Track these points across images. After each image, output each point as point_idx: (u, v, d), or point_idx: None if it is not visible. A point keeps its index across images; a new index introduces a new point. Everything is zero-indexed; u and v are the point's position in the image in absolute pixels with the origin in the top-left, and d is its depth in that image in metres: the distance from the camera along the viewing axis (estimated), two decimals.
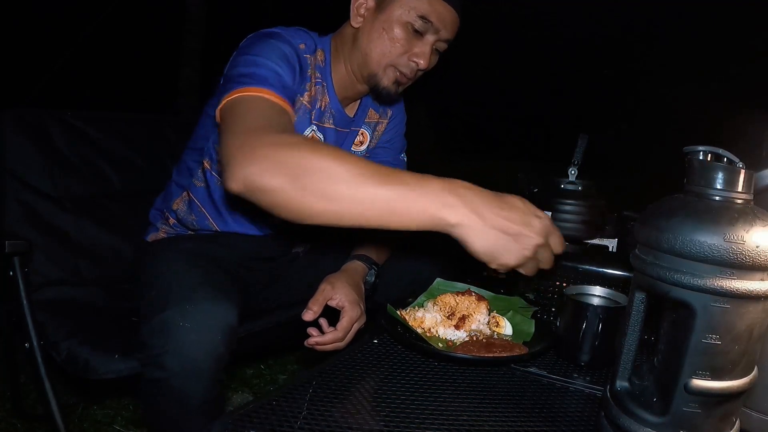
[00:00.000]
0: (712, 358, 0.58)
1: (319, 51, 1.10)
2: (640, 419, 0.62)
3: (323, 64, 1.11)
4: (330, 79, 1.12)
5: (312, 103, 1.09)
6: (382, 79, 1.07)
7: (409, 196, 0.68)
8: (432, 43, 1.05)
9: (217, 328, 0.86)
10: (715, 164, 0.60)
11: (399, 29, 1.03)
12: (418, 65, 1.06)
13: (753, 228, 0.56)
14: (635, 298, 0.65)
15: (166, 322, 0.85)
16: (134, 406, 1.53)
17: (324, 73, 1.11)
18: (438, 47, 1.08)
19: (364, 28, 1.06)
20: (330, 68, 1.12)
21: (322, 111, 1.12)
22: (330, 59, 1.12)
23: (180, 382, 0.85)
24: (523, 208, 0.73)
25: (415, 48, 1.05)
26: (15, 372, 1.37)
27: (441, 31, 1.05)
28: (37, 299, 1.14)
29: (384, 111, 1.28)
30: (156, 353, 0.85)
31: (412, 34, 1.04)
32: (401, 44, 1.04)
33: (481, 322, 0.96)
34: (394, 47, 1.04)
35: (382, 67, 1.06)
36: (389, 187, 0.68)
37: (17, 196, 1.23)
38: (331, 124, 1.15)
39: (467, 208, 0.69)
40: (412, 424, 0.70)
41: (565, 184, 1.25)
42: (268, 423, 0.67)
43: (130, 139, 1.45)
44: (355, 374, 0.83)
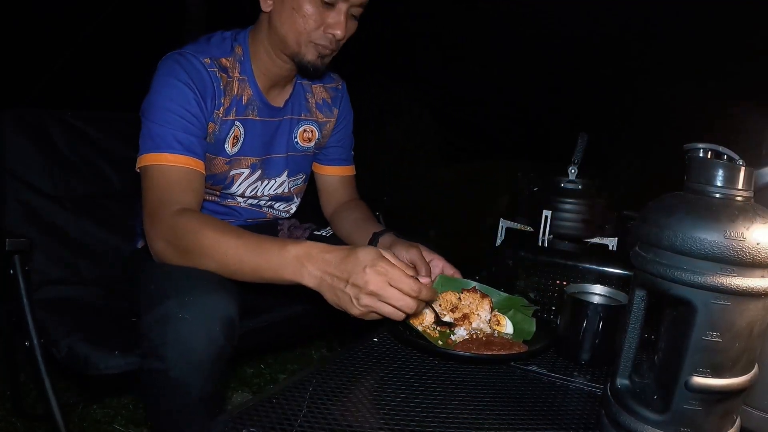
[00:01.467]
0: (713, 355, 0.58)
1: (236, 48, 1.12)
2: (641, 417, 0.62)
3: (242, 58, 1.12)
4: (250, 70, 1.13)
5: (231, 106, 1.11)
6: (305, 55, 1.08)
7: (270, 266, 0.85)
8: (345, 11, 1.04)
9: (216, 319, 0.87)
10: (715, 162, 0.60)
11: (308, 5, 1.03)
12: (335, 36, 1.05)
13: (753, 225, 0.56)
14: (635, 296, 0.65)
15: (165, 314, 0.85)
16: (134, 406, 1.53)
17: (244, 65, 1.13)
18: (353, 12, 1.07)
19: (275, 11, 1.07)
20: (249, 60, 1.13)
21: (245, 104, 1.13)
22: (248, 50, 1.13)
23: (179, 374, 0.85)
24: (357, 265, 0.78)
25: (328, 19, 1.04)
26: (15, 371, 1.37)
27: None
28: (38, 298, 1.14)
29: (330, 110, 1.30)
30: (155, 344, 0.85)
31: (323, 7, 1.03)
32: (314, 19, 1.04)
33: (483, 320, 0.96)
34: (307, 24, 1.04)
35: (301, 45, 1.07)
36: (254, 260, 0.86)
37: (17, 196, 1.23)
38: (255, 116, 1.16)
39: (318, 271, 0.82)
40: (412, 422, 0.70)
41: (565, 183, 1.25)
42: (268, 421, 0.67)
43: (129, 138, 1.44)
44: (355, 372, 0.83)
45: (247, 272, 0.88)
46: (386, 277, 0.77)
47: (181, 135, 1.00)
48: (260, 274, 0.87)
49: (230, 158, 1.15)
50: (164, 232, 0.94)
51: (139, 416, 1.48)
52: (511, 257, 1.16)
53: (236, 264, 0.88)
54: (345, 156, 1.37)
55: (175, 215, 0.94)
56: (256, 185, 1.24)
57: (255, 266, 0.87)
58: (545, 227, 1.21)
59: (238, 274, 0.89)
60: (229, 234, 0.90)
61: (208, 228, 0.91)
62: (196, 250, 0.90)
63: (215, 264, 0.90)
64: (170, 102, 1.01)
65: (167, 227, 0.94)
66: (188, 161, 1.00)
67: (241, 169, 1.19)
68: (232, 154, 1.15)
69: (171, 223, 0.94)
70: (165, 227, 0.94)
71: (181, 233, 0.92)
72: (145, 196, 0.98)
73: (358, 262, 0.78)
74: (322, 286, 0.82)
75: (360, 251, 0.80)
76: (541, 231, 1.22)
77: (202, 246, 0.90)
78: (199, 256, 0.90)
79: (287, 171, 1.28)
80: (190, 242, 0.91)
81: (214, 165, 1.14)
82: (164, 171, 0.99)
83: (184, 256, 0.92)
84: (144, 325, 0.88)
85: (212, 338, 0.86)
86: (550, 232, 1.22)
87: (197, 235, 0.91)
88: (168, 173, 0.98)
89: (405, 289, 0.77)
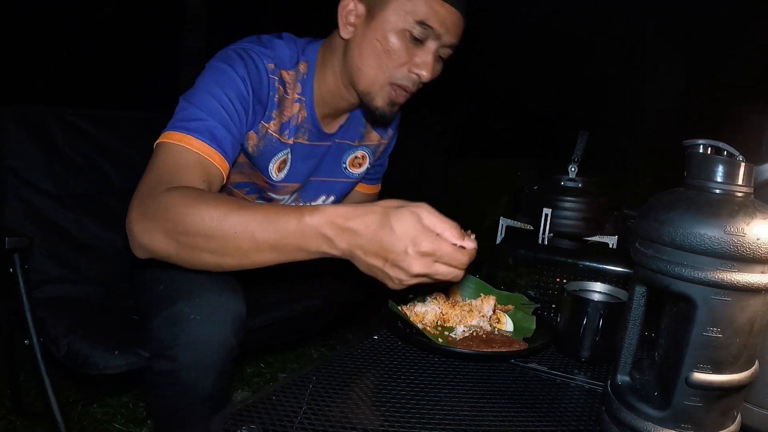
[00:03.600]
0: (713, 351, 0.58)
1: (301, 63, 1.01)
2: (641, 413, 0.62)
3: (305, 77, 1.02)
4: (311, 92, 1.03)
5: (285, 126, 1.02)
6: (375, 98, 0.97)
7: (291, 238, 0.71)
8: (434, 50, 0.94)
9: (227, 319, 0.86)
10: (715, 157, 0.60)
11: (395, 38, 0.92)
12: (420, 77, 0.95)
13: (753, 220, 0.55)
14: (636, 292, 0.65)
15: (176, 315, 0.84)
16: (134, 405, 1.52)
17: (305, 85, 1.02)
18: (441, 53, 0.97)
19: (354, 40, 0.95)
20: (312, 81, 1.02)
21: (296, 126, 1.04)
22: (314, 70, 1.02)
23: (190, 374, 0.84)
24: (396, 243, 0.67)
25: (415, 58, 0.94)
26: (15, 370, 1.37)
27: (443, 36, 0.93)
28: (37, 296, 1.14)
29: (386, 132, 1.23)
30: (167, 345, 0.84)
31: (411, 43, 0.93)
32: (399, 56, 0.93)
33: (485, 315, 0.96)
34: (390, 60, 0.93)
35: (377, 85, 0.96)
36: (271, 236, 0.71)
37: (18, 194, 1.23)
38: (305, 140, 1.07)
39: (345, 243, 0.70)
40: (413, 419, 0.70)
41: (565, 181, 1.25)
42: (268, 418, 0.67)
43: (130, 137, 1.45)
44: (356, 370, 0.83)
45: (264, 252, 0.72)
46: (433, 257, 0.68)
47: (217, 127, 0.87)
48: (280, 249, 0.72)
49: (275, 183, 1.08)
50: (156, 213, 0.75)
51: (139, 415, 1.48)
52: (512, 255, 1.16)
53: (250, 243, 0.72)
54: (379, 176, 1.32)
55: (169, 191, 0.77)
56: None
57: (272, 242, 0.71)
58: (545, 225, 1.21)
59: (249, 257, 0.73)
60: (237, 207, 0.74)
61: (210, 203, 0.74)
62: (198, 232, 0.73)
63: (221, 248, 0.73)
64: (217, 88, 0.89)
65: (160, 206, 0.75)
66: (214, 155, 0.86)
67: (282, 195, 1.13)
68: (277, 179, 1.07)
69: (165, 200, 0.75)
70: (157, 207, 0.75)
71: (179, 212, 0.74)
72: (146, 172, 0.83)
73: (397, 240, 0.67)
74: (353, 258, 0.71)
75: (395, 222, 0.67)
76: (541, 229, 1.22)
77: (205, 227, 0.72)
78: (203, 238, 0.72)
79: (333, 198, 1.21)
80: (191, 224, 0.73)
81: (252, 175, 1.07)
82: (181, 152, 0.84)
83: (181, 243, 0.74)
84: (153, 326, 0.87)
85: (223, 339, 0.85)
86: (551, 230, 1.22)
87: (198, 213, 0.73)
88: (185, 156, 0.84)
89: (454, 264, 0.70)
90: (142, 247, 0.78)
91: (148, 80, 3.94)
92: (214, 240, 0.73)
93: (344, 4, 0.97)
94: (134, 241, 0.78)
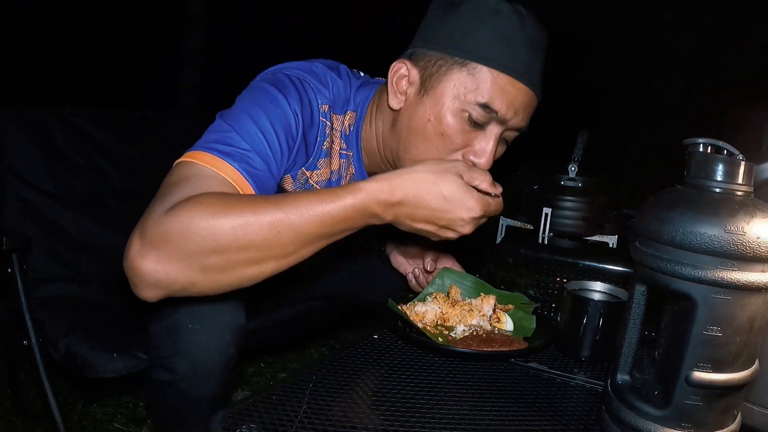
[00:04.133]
0: (714, 350, 0.58)
1: (349, 114, 0.87)
2: (642, 412, 0.62)
3: (350, 129, 0.88)
4: (358, 146, 0.89)
5: (329, 183, 0.89)
6: None
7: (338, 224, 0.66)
8: (497, 135, 0.80)
9: (226, 328, 0.83)
10: (715, 156, 0.60)
11: (451, 119, 0.78)
12: (478, 166, 0.80)
13: (754, 219, 0.55)
14: (636, 291, 0.65)
15: (175, 323, 0.81)
16: (134, 404, 1.52)
17: (351, 141, 0.89)
18: (506, 137, 0.83)
19: (404, 112, 0.81)
20: (360, 136, 0.89)
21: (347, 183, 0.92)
22: (362, 122, 0.89)
23: (189, 385, 0.82)
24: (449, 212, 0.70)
25: (473, 144, 0.80)
26: (14, 370, 1.37)
27: (511, 120, 0.79)
28: (36, 296, 1.14)
29: None
30: (165, 355, 0.82)
31: (470, 126, 0.79)
32: (454, 140, 0.79)
33: (485, 315, 0.96)
34: (444, 145, 0.79)
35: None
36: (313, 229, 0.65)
37: (17, 193, 1.24)
38: None
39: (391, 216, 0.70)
40: (413, 418, 0.70)
41: (565, 180, 1.25)
42: (268, 417, 0.67)
43: (130, 136, 1.45)
44: (356, 369, 0.83)
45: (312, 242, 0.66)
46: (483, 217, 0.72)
47: (255, 160, 0.73)
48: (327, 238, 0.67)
49: None
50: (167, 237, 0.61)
51: (139, 415, 1.48)
52: (512, 255, 1.16)
53: (294, 239, 0.64)
54: None
55: (180, 204, 0.63)
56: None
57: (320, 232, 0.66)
58: (545, 225, 1.21)
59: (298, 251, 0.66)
60: (264, 200, 0.65)
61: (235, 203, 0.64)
62: (229, 244, 0.62)
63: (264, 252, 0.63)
64: (263, 116, 0.76)
65: (171, 227, 0.62)
66: (243, 184, 0.71)
67: None
68: None
69: (177, 216, 0.62)
70: (166, 229, 0.62)
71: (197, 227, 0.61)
72: (158, 193, 0.69)
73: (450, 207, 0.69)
74: (399, 225, 0.72)
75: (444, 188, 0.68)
76: (541, 229, 1.22)
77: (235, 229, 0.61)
78: (237, 250, 0.62)
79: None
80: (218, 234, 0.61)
81: None
82: (205, 173, 0.70)
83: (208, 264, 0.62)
84: (153, 334, 0.85)
85: (223, 348, 0.83)
86: (551, 229, 1.22)
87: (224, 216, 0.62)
88: (208, 177, 0.70)
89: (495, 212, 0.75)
90: (152, 286, 0.63)
91: (148, 80, 3.95)
92: (252, 246, 0.63)
93: (396, 69, 0.83)
94: (141, 280, 0.63)
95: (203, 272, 0.63)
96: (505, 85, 0.77)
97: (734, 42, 3.23)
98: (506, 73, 0.77)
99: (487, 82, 0.76)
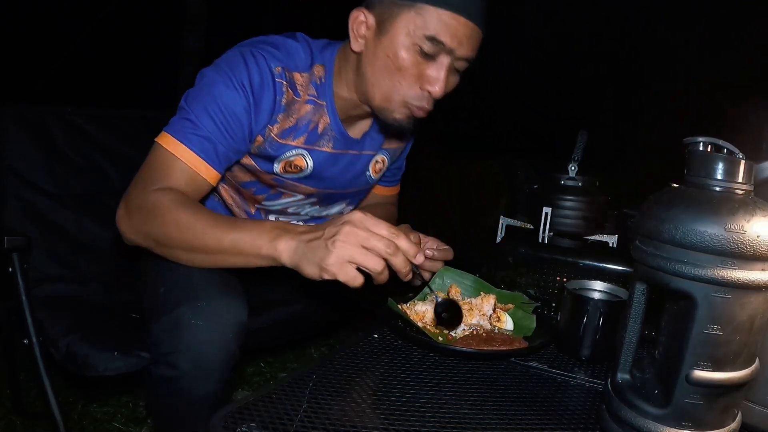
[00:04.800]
0: (714, 348, 0.58)
1: (317, 67, 0.99)
2: (642, 411, 0.62)
3: (322, 80, 1.00)
4: (331, 96, 1.01)
5: (293, 130, 1.01)
6: (393, 113, 0.97)
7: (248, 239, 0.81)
8: (447, 65, 0.91)
9: (228, 326, 0.85)
10: (715, 155, 0.60)
11: (405, 54, 0.90)
12: (432, 93, 0.93)
13: (754, 218, 0.55)
14: (636, 290, 0.65)
15: (177, 320, 0.83)
16: (134, 404, 1.52)
17: (322, 90, 1.00)
18: (457, 66, 0.94)
19: (366, 54, 0.94)
20: (331, 86, 1.01)
21: (320, 134, 1.03)
22: (332, 74, 1.01)
23: (190, 382, 0.83)
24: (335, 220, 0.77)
25: (426, 74, 0.91)
26: (14, 370, 1.37)
27: (457, 50, 0.90)
28: (37, 296, 1.14)
29: (406, 137, 1.24)
30: (167, 352, 0.83)
31: (422, 58, 0.90)
32: (410, 72, 0.91)
33: (485, 314, 0.96)
34: (402, 77, 0.91)
35: (393, 102, 0.95)
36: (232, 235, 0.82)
37: (17, 193, 1.23)
38: (330, 148, 1.06)
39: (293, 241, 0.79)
40: (413, 417, 0.70)
41: (565, 180, 1.26)
42: (268, 416, 0.67)
43: (130, 136, 1.45)
44: (356, 368, 0.83)
45: (226, 251, 0.82)
46: (362, 222, 0.74)
47: (208, 140, 0.92)
48: (239, 249, 0.81)
49: (284, 181, 1.08)
50: (141, 211, 0.87)
51: (138, 414, 1.48)
52: (512, 254, 1.16)
53: (215, 242, 0.82)
54: (397, 178, 1.32)
55: (157, 191, 0.88)
56: (306, 208, 1.17)
57: (233, 241, 0.81)
58: (545, 224, 1.21)
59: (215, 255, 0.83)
60: (209, 214, 0.86)
61: (188, 209, 0.86)
62: (174, 231, 0.84)
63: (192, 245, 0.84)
64: (215, 102, 0.91)
65: (145, 205, 0.87)
66: (200, 166, 0.92)
67: (296, 193, 1.13)
68: (287, 177, 1.07)
69: (151, 200, 0.87)
70: (143, 205, 0.87)
71: (160, 214, 0.85)
72: (141, 169, 0.93)
73: (336, 219, 0.77)
74: (296, 254, 0.78)
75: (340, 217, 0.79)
76: (541, 228, 1.22)
77: (180, 227, 0.84)
78: (178, 236, 0.84)
79: (353, 205, 1.23)
80: (169, 225, 0.84)
81: (259, 174, 1.07)
82: (172, 160, 0.91)
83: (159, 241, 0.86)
84: (154, 331, 0.86)
85: (224, 345, 0.85)
86: (551, 229, 1.22)
87: (176, 211, 0.85)
88: (174, 164, 0.91)
89: (383, 232, 0.74)
90: (127, 239, 0.91)
91: (148, 80, 3.94)
92: (186, 238, 0.84)
93: (354, 16, 0.95)
94: (122, 234, 0.91)
95: (156, 246, 0.88)
96: (448, 20, 0.88)
97: (734, 42, 3.22)
98: (448, 10, 0.88)
99: (433, 19, 0.87)
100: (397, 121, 0.98)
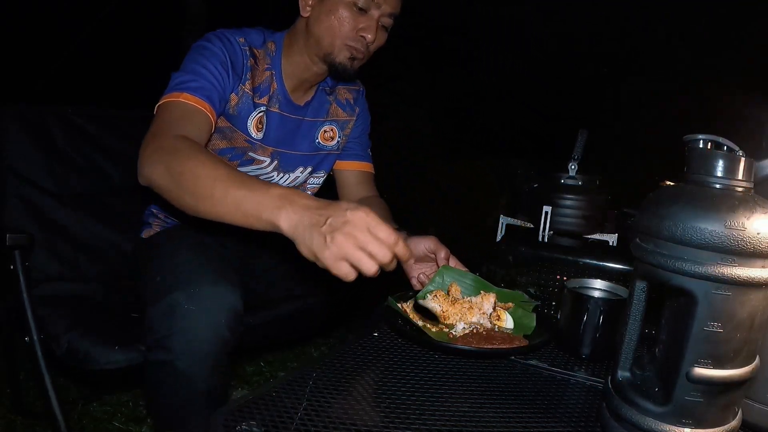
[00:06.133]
0: (714, 346, 0.58)
1: (269, 43, 1.21)
2: (642, 409, 0.62)
3: (273, 53, 1.21)
4: (279, 66, 1.21)
5: (258, 89, 1.18)
6: (337, 56, 1.16)
7: (252, 200, 0.79)
8: (377, 18, 1.14)
9: (221, 310, 0.89)
10: (715, 152, 0.60)
11: (343, 9, 1.12)
12: (366, 39, 1.14)
13: (754, 215, 0.55)
14: (636, 288, 0.65)
15: (171, 305, 0.87)
16: (134, 403, 1.52)
17: (274, 60, 1.21)
18: (384, 23, 1.17)
19: (313, 15, 1.16)
20: (280, 57, 1.21)
21: (271, 96, 1.21)
22: (281, 48, 1.22)
23: (185, 365, 0.86)
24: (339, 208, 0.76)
25: (361, 24, 1.13)
26: (15, 368, 1.37)
27: (383, 5, 1.13)
28: (38, 294, 1.14)
29: (352, 109, 1.36)
30: (162, 336, 0.87)
31: (357, 12, 1.13)
32: (348, 22, 1.13)
33: (485, 312, 0.96)
34: (342, 26, 1.13)
35: (336, 46, 1.15)
36: (239, 192, 0.80)
37: (18, 192, 1.24)
38: (277, 109, 1.22)
39: (295, 215, 0.76)
40: (413, 415, 0.70)
41: (565, 179, 1.26)
42: (268, 415, 0.67)
43: (130, 135, 1.45)
44: (356, 367, 0.83)
45: (229, 205, 0.81)
46: (365, 221, 0.74)
47: (202, 83, 1.06)
48: (242, 208, 0.80)
49: (254, 142, 1.20)
50: (162, 151, 0.91)
51: (138, 413, 1.48)
52: (512, 253, 1.16)
53: (221, 194, 0.82)
54: (362, 153, 1.42)
55: (177, 138, 0.93)
56: (272, 176, 1.27)
57: (238, 198, 0.81)
58: (545, 223, 1.21)
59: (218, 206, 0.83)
60: (224, 166, 0.87)
61: (206, 156, 0.88)
62: (188, 173, 0.85)
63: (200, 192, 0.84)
64: (200, 58, 1.09)
65: (166, 147, 0.91)
66: (202, 104, 1.04)
67: (263, 156, 1.24)
68: (257, 138, 1.20)
69: (171, 143, 0.92)
70: (164, 146, 0.92)
71: (179, 155, 0.88)
72: (151, 126, 0.98)
73: (340, 207, 0.76)
74: (296, 231, 0.76)
75: (344, 202, 0.78)
76: (541, 227, 1.22)
77: (195, 171, 0.85)
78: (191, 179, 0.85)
79: (310, 168, 1.33)
80: (186, 166, 0.86)
81: (234, 138, 1.18)
82: (178, 106, 1.02)
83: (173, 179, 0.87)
84: (150, 317, 0.90)
85: (217, 330, 0.88)
86: (551, 228, 1.22)
87: (195, 160, 0.86)
88: (181, 108, 1.02)
89: (382, 235, 0.74)
90: (143, 176, 0.91)
91: (148, 80, 3.93)
92: (198, 181, 0.84)
93: None
94: (140, 169, 0.92)
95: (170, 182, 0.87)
96: None
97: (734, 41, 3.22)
98: None
99: None
100: (341, 64, 1.16)
